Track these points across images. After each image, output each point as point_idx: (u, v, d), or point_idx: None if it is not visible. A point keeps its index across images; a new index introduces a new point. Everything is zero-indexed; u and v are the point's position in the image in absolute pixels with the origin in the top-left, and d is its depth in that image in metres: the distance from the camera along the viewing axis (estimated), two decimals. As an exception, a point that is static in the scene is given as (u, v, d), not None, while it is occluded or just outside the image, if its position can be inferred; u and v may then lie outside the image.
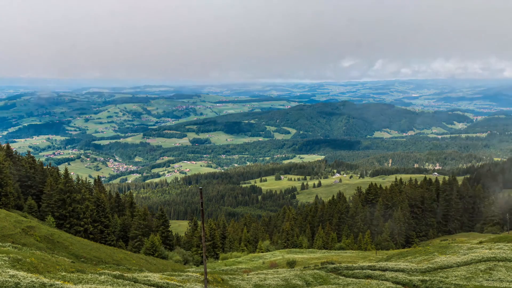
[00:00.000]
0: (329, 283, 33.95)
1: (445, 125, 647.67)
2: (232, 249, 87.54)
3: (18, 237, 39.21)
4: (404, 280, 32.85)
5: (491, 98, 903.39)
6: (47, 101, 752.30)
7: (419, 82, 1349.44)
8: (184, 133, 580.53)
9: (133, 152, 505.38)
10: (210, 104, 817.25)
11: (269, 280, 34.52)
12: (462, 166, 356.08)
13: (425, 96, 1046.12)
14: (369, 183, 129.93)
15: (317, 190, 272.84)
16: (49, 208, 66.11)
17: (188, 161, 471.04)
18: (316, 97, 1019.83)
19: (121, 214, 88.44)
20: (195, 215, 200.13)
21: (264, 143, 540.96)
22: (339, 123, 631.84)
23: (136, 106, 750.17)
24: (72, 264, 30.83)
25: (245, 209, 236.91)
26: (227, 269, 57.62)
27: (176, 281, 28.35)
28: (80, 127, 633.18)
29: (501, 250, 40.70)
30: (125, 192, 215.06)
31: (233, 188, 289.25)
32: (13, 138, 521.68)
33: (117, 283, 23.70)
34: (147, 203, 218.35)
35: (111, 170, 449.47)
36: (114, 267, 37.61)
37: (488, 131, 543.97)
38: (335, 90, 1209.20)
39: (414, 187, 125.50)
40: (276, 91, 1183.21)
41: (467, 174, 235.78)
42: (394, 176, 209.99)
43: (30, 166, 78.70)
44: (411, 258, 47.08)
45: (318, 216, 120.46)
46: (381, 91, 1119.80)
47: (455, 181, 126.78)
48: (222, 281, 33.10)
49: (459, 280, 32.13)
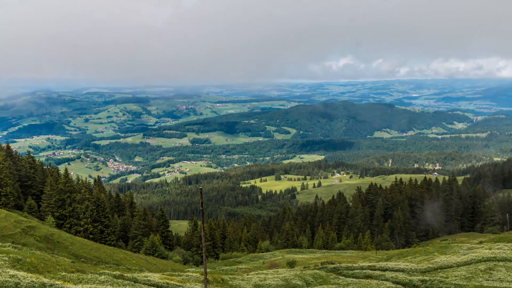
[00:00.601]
0: (329, 283, 33.95)
1: (445, 125, 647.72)
2: (232, 249, 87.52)
3: (18, 237, 39.21)
4: (404, 280, 32.86)
5: (491, 98, 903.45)
6: (47, 101, 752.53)
7: (419, 82, 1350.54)
8: (184, 133, 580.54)
9: (133, 152, 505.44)
10: (210, 104, 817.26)
11: (269, 280, 34.52)
12: (462, 166, 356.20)
13: (425, 96, 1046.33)
14: (369, 183, 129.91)
15: (317, 190, 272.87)
16: (49, 208, 66.11)
17: (188, 161, 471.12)
18: (316, 97, 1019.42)
19: (121, 214, 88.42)
20: (195, 215, 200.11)
21: (264, 143, 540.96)
22: (339, 123, 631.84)
23: (136, 106, 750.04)
24: (72, 264, 30.83)
25: (245, 209, 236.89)
26: (227, 269, 57.65)
27: (176, 281, 28.35)
28: (80, 127, 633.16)
29: (501, 250, 40.71)
30: (125, 192, 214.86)
31: (233, 188, 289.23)
32: (13, 138, 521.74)
33: (117, 283, 23.70)
34: (147, 203, 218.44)
35: (111, 170, 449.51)
36: (114, 267, 37.62)
37: (488, 131, 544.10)
38: (335, 90, 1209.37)
39: (414, 187, 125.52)
40: (276, 91, 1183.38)
41: (467, 174, 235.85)
42: (394, 176, 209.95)
43: (30, 166, 78.69)
44: (411, 258, 47.09)
45: (318, 216, 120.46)
46: (381, 91, 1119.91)
47: (455, 181, 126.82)
48: (222, 281, 33.10)
49: (459, 280, 32.13)
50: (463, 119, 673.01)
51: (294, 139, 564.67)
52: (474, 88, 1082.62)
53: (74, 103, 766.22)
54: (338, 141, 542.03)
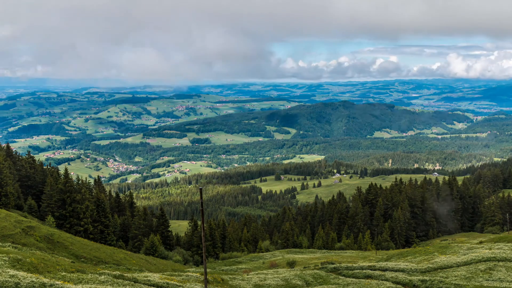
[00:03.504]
0: (329, 283, 33.97)
1: (445, 125, 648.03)
2: (232, 249, 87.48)
3: (18, 237, 39.22)
4: (404, 280, 32.88)
5: (491, 98, 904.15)
6: (47, 101, 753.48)
7: (419, 82, 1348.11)
8: (184, 133, 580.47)
9: (133, 152, 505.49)
10: (210, 104, 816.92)
11: (269, 280, 34.54)
12: (462, 166, 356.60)
13: (425, 96, 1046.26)
14: (369, 183, 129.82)
15: (317, 190, 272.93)
16: (49, 208, 66.10)
17: (188, 161, 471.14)
18: (316, 97, 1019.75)
19: (121, 214, 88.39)
20: (195, 215, 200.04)
21: (264, 143, 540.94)
22: (339, 123, 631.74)
23: (136, 106, 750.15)
24: (72, 264, 30.83)
25: (245, 209, 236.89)
26: (227, 269, 57.71)
27: (176, 281, 28.36)
28: (80, 127, 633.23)
29: (501, 250, 40.73)
30: (125, 192, 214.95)
31: (233, 188, 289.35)
32: (13, 138, 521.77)
33: (117, 283, 23.72)
34: (147, 203, 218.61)
35: (111, 170, 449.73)
36: (114, 267, 37.64)
37: (488, 131, 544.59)
38: (335, 90, 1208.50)
39: (414, 187, 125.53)
40: (276, 91, 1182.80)
41: (467, 174, 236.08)
42: (394, 176, 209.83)
43: (30, 166, 78.74)
44: (411, 258, 47.11)
45: (318, 216, 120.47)
46: (381, 91, 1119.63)
47: (455, 181, 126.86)
48: (222, 281, 33.12)
49: (459, 280, 32.15)
50: (463, 119, 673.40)
51: (294, 139, 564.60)
52: (474, 88, 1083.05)
53: (74, 103, 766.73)
54: (338, 141, 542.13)
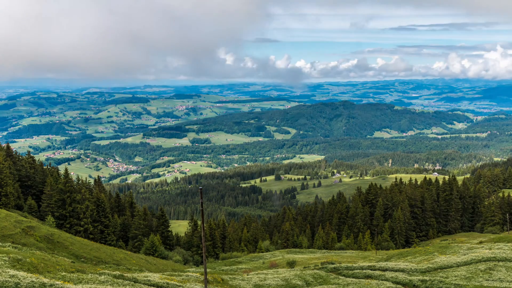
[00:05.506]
0: (329, 283, 33.96)
1: (445, 125, 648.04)
2: (232, 249, 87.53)
3: (18, 237, 39.22)
4: (404, 280, 32.88)
5: (491, 98, 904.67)
6: (47, 101, 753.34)
7: (419, 82, 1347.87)
8: (184, 133, 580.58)
9: (133, 152, 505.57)
10: (210, 104, 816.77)
11: (269, 280, 34.53)
12: (462, 166, 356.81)
13: (425, 96, 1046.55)
14: (369, 183, 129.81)
15: (317, 190, 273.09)
16: (49, 208, 66.09)
17: (188, 161, 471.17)
18: (316, 97, 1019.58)
19: (121, 214, 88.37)
20: (195, 215, 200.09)
21: (264, 143, 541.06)
22: (339, 123, 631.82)
23: (136, 106, 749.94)
24: (72, 264, 30.83)
25: (245, 209, 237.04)
26: (227, 269, 57.71)
27: (176, 281, 28.36)
28: (80, 127, 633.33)
29: (501, 250, 40.75)
30: (125, 192, 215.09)
31: (233, 188, 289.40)
32: (13, 138, 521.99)
33: (117, 283, 23.71)
34: (147, 203, 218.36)
35: (111, 170, 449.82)
36: (114, 267, 37.63)
37: (488, 131, 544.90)
38: (335, 90, 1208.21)
39: (414, 187, 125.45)
40: (276, 91, 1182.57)
41: (467, 174, 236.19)
42: (394, 176, 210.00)
43: (30, 166, 78.73)
44: (411, 258, 47.12)
45: (318, 216, 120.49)
46: (381, 91, 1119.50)
47: (455, 181, 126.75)
48: (222, 281, 33.11)
49: (459, 280, 32.15)
50: (463, 119, 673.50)
51: (294, 139, 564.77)
52: (474, 88, 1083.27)
53: (74, 103, 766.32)
54: (338, 141, 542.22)
